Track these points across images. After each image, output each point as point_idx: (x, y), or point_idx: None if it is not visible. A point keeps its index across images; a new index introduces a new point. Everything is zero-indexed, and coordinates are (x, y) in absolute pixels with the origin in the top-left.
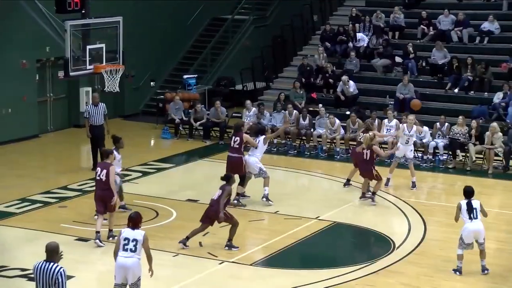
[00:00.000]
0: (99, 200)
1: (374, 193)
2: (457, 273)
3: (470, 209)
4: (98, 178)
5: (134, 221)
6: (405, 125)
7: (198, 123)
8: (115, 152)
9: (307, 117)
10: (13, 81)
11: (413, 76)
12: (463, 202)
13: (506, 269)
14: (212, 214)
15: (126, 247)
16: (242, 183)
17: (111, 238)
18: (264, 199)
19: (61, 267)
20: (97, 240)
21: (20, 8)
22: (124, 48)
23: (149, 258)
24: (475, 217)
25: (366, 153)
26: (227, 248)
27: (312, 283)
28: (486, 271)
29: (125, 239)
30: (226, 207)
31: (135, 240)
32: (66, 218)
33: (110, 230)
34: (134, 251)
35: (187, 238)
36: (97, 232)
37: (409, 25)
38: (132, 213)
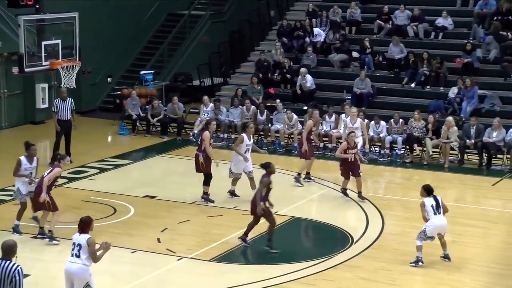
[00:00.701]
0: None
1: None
2: (420, 263)
3: (438, 205)
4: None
5: (82, 225)
6: (348, 118)
7: (156, 119)
8: (21, 159)
9: (265, 113)
10: None
11: (370, 71)
12: (427, 200)
13: (461, 260)
14: (252, 207)
15: (72, 252)
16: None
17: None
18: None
19: (18, 265)
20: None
21: None
22: (80, 44)
23: (95, 261)
24: (439, 212)
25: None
26: (267, 248)
27: (271, 278)
28: (449, 260)
29: (73, 243)
30: (265, 200)
31: (79, 245)
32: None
33: (50, 231)
34: (78, 256)
35: (246, 234)
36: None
37: (365, 20)
38: (82, 217)
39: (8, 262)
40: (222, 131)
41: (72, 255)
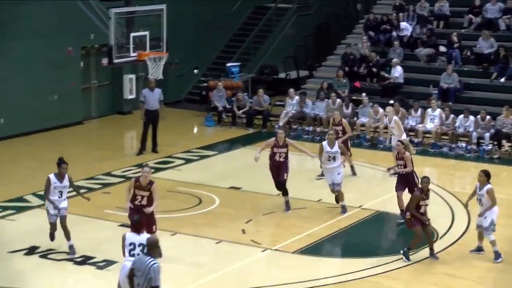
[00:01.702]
0: None
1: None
2: (500, 258)
3: None
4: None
5: (138, 226)
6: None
7: (241, 111)
8: (50, 177)
9: (350, 106)
10: (59, 68)
11: (457, 66)
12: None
13: None
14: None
15: (133, 252)
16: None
17: None
18: None
19: (155, 263)
20: None
21: None
22: (167, 36)
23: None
24: None
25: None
26: (402, 253)
27: (354, 272)
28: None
29: (131, 243)
30: (417, 212)
31: (141, 244)
32: (109, 204)
33: None
34: None
35: (408, 248)
36: None
37: (454, 14)
38: (136, 217)
39: (148, 257)
40: (307, 124)
41: (133, 255)
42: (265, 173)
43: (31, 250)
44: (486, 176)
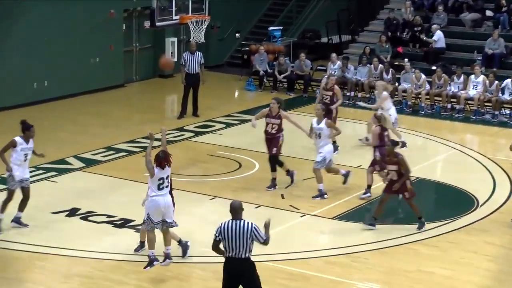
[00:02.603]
0: None
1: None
2: None
3: None
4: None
5: (163, 161)
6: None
7: (282, 75)
8: (17, 139)
9: (390, 71)
10: (100, 31)
11: (504, 31)
12: None
13: None
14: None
15: (162, 185)
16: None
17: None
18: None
19: (252, 223)
20: None
21: None
22: None
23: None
24: None
25: None
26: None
27: (394, 238)
28: None
29: (160, 178)
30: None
31: (168, 176)
32: None
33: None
34: (167, 186)
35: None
36: None
37: None
38: (160, 153)
39: (241, 221)
40: (348, 89)
41: (162, 189)
42: (305, 139)
43: (72, 212)
44: None
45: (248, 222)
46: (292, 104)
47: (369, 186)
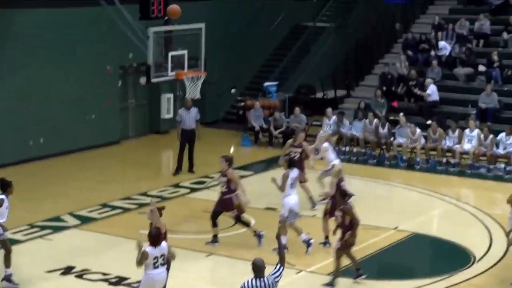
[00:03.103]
0: None
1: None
2: None
3: None
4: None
5: (155, 239)
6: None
7: (278, 130)
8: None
9: (386, 126)
10: (97, 87)
11: (497, 85)
12: None
13: None
14: None
15: (157, 264)
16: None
17: None
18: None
19: (270, 276)
20: None
21: (106, 15)
22: (205, 55)
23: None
24: None
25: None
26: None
27: None
28: None
29: (155, 257)
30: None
31: (163, 255)
32: (145, 224)
33: None
34: (163, 264)
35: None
36: None
37: (494, 32)
38: (152, 230)
39: (263, 279)
40: (344, 144)
41: (157, 267)
42: (300, 194)
43: (67, 270)
44: None
45: (268, 279)
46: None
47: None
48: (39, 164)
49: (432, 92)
